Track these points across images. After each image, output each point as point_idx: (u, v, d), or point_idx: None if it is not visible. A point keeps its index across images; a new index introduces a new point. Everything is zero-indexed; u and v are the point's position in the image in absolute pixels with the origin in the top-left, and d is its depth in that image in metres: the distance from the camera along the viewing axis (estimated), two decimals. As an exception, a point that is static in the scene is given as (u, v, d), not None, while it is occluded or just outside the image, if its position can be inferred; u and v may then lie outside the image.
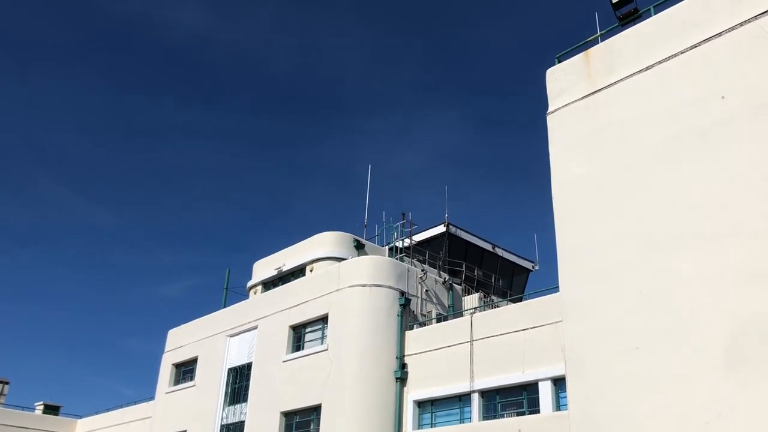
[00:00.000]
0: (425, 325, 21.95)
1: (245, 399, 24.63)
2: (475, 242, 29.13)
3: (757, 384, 10.85)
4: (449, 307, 23.74)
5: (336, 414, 20.66)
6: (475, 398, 18.87)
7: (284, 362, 23.39)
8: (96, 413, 38.67)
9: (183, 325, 30.21)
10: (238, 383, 25.46)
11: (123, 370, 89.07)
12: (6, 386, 41.55)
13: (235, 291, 30.18)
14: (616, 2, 15.73)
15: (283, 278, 27.47)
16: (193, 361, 28.41)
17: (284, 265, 27.60)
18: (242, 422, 24.29)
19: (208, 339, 27.79)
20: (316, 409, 21.54)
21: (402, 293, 22.22)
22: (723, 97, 12.80)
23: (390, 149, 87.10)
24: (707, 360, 11.51)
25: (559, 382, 16.98)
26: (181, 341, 29.52)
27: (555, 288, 15.86)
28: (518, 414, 17.94)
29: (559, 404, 17.01)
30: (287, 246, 28.25)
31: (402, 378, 20.80)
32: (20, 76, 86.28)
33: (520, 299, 26.18)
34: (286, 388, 22.80)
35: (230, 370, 26.10)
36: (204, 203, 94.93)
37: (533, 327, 18.01)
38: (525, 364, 17.88)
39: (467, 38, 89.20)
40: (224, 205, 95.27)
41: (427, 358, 20.53)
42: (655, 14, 14.76)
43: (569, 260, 14.32)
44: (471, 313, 20.46)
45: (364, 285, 22.00)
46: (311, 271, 25.92)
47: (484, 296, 24.51)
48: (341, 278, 22.63)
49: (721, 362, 11.32)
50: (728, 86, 12.81)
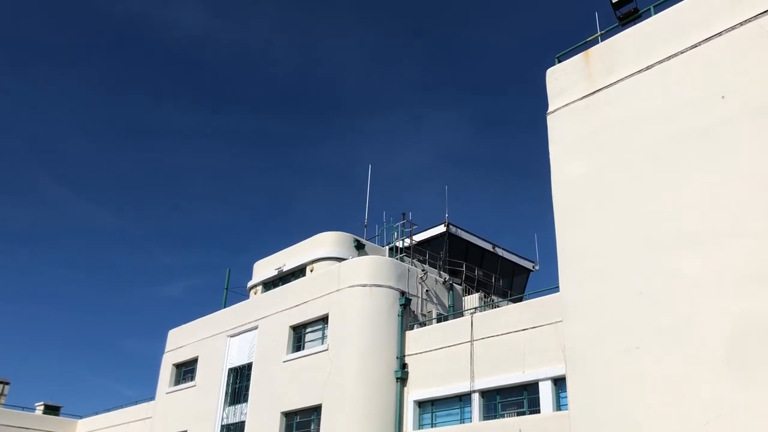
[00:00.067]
0: (426, 325, 21.95)
1: (246, 399, 24.63)
2: (476, 242, 29.13)
3: (758, 383, 10.85)
4: (449, 307, 23.73)
5: (336, 414, 20.66)
6: (476, 398, 18.87)
7: (285, 362, 23.39)
8: (96, 413, 38.70)
9: (183, 326, 30.22)
10: (239, 383, 25.47)
11: (123, 371, 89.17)
12: (6, 386, 41.58)
13: (236, 291, 30.23)
14: (616, 2, 15.73)
15: (284, 278, 27.48)
16: (194, 362, 28.41)
17: (284, 266, 27.61)
18: (242, 422, 24.29)
19: (209, 339, 27.80)
20: (317, 410, 21.54)
21: (402, 293, 22.22)
22: (723, 97, 12.80)
23: (390, 149, 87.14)
24: (708, 360, 11.51)
25: (560, 382, 16.98)
26: (182, 341, 29.53)
27: (555, 288, 15.87)
28: (519, 414, 17.94)
29: (560, 404, 17.01)
30: (287, 246, 28.27)
31: (402, 378, 20.80)
32: (20, 76, 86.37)
33: (521, 299, 26.18)
34: (287, 389, 22.80)
35: (231, 371, 26.11)
36: (204, 203, 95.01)
37: (533, 327, 18.01)
38: (525, 364, 17.87)
39: (467, 38, 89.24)
40: (224, 205, 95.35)
41: (428, 358, 20.53)
42: (656, 14, 14.76)
43: (569, 260, 14.32)
44: (471, 313, 20.45)
45: (365, 285, 22.00)
46: (311, 271, 25.92)
47: (485, 296, 24.51)
48: (341, 278, 22.63)
49: (722, 362, 11.32)
50: (728, 86, 12.81)
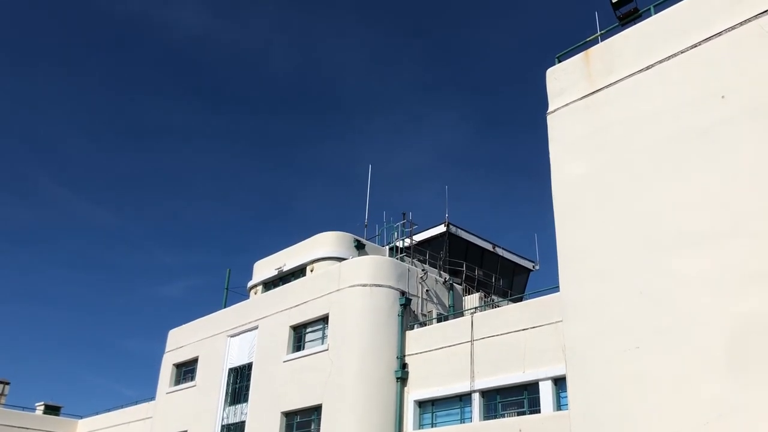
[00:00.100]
0: (426, 325, 21.95)
1: (246, 399, 24.63)
2: (476, 242, 29.13)
3: (758, 383, 10.85)
4: (450, 307, 23.73)
5: (337, 414, 20.66)
6: (476, 398, 18.87)
7: (285, 362, 23.40)
8: (97, 413, 38.72)
9: (183, 326, 30.22)
10: (239, 383, 25.47)
11: (123, 371, 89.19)
12: (6, 387, 41.59)
13: (236, 291, 30.24)
14: (616, 2, 15.72)
15: (284, 278, 27.48)
16: (194, 362, 28.42)
17: (285, 265, 27.61)
18: (243, 422, 24.29)
19: (209, 339, 27.80)
20: (317, 409, 21.55)
21: (402, 293, 22.22)
22: (723, 97, 12.79)
23: (390, 149, 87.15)
24: (708, 359, 11.50)
25: (560, 382, 16.99)
26: (182, 341, 29.53)
27: (555, 288, 15.87)
28: (519, 414, 17.94)
29: (560, 404, 17.02)
30: (288, 246, 28.28)
31: (402, 378, 20.80)
32: (20, 76, 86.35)
33: (521, 299, 26.19)
34: (287, 388, 22.80)
35: (231, 370, 26.11)
36: (204, 203, 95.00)
37: (534, 327, 18.01)
38: (525, 364, 17.88)
39: (467, 38, 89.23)
40: (224, 205, 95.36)
41: (428, 358, 20.53)
42: (655, 14, 14.74)
43: (569, 260, 14.32)
44: (471, 313, 20.46)
45: (365, 285, 22.00)
46: (312, 271, 25.93)
47: (485, 296, 24.52)
48: (342, 278, 22.63)
49: (722, 362, 11.32)
50: (728, 86, 12.80)
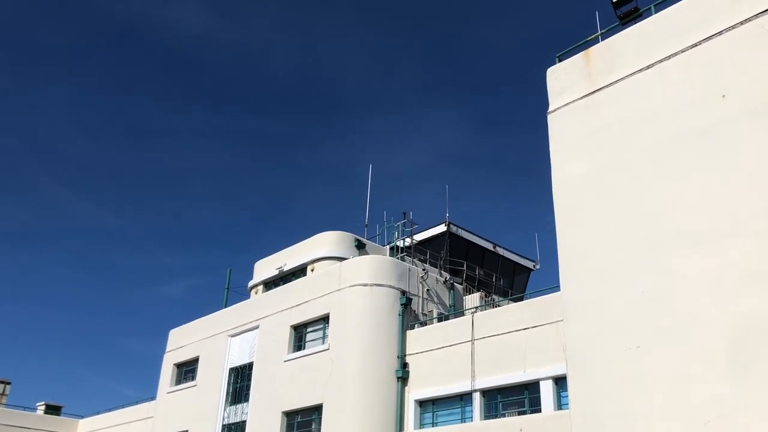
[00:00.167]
0: (426, 325, 21.96)
1: (246, 399, 24.64)
2: (476, 241, 29.14)
3: (759, 383, 10.85)
4: (450, 307, 23.74)
5: (337, 413, 20.67)
6: (477, 397, 18.87)
7: (285, 362, 23.40)
8: (97, 413, 38.75)
9: (184, 325, 30.23)
10: (240, 383, 25.48)
11: (124, 371, 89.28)
12: (7, 387, 41.62)
13: (237, 291, 30.25)
14: (617, 1, 15.72)
15: (284, 278, 27.49)
16: (195, 361, 28.43)
17: (285, 265, 27.61)
18: (243, 422, 24.30)
19: (210, 339, 27.81)
20: (318, 409, 21.56)
21: (403, 293, 22.22)
22: (723, 96, 12.80)
23: (391, 149, 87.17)
24: (708, 359, 11.51)
25: (561, 382, 16.99)
26: (183, 341, 29.54)
27: (556, 287, 15.88)
28: (519, 413, 17.94)
29: (561, 403, 17.02)
30: (288, 246, 28.28)
31: (403, 377, 20.81)
32: (21, 76, 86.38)
33: (521, 298, 26.19)
34: (288, 388, 22.81)
35: (231, 370, 26.12)
36: (205, 203, 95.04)
37: (534, 326, 18.01)
38: (526, 364, 17.88)
39: (467, 38, 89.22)
40: (225, 205, 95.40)
41: (429, 358, 20.53)
42: (656, 13, 14.75)
43: (570, 259, 14.32)
44: (472, 313, 20.46)
45: (365, 284, 22.01)
46: (312, 271, 25.93)
47: (485, 295, 24.53)
48: (342, 278, 22.63)
49: (723, 361, 11.32)
50: (729, 85, 12.81)
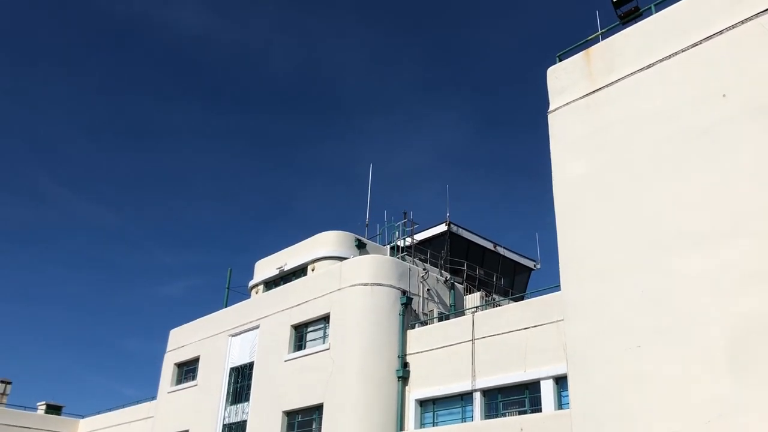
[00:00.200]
0: (427, 324, 21.96)
1: (247, 398, 24.65)
2: (477, 241, 29.14)
3: (759, 382, 10.85)
4: (451, 306, 23.74)
5: (338, 413, 20.67)
6: (477, 397, 18.87)
7: (286, 361, 23.41)
8: (98, 413, 38.77)
9: (185, 325, 30.24)
10: (240, 383, 25.48)
11: (125, 370, 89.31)
12: (8, 386, 41.64)
13: (237, 290, 30.26)
14: (617, 1, 15.70)
15: (285, 278, 27.49)
16: (195, 361, 28.44)
17: (286, 265, 27.62)
18: (244, 422, 24.31)
19: (210, 338, 27.81)
20: (318, 409, 21.56)
21: (403, 292, 22.22)
22: (724, 96, 12.78)
23: (391, 149, 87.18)
24: (709, 359, 11.50)
25: (561, 381, 16.99)
26: (183, 341, 29.55)
27: (557, 287, 15.87)
28: (520, 413, 17.94)
29: (561, 403, 17.02)
30: (289, 245, 28.28)
31: (404, 377, 20.81)
32: (21, 76, 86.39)
33: (522, 298, 26.20)
34: (288, 388, 22.82)
35: (232, 370, 26.13)
36: (205, 203, 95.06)
37: (535, 326, 18.01)
38: (527, 363, 17.88)
39: (467, 37, 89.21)
40: (225, 205, 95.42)
41: (429, 357, 20.53)
42: (656, 13, 14.73)
43: (570, 259, 14.32)
44: (473, 312, 20.46)
45: (366, 284, 22.01)
46: (313, 271, 25.93)
47: (486, 295, 24.53)
48: (343, 277, 22.63)
49: (723, 361, 11.32)
50: (729, 85, 12.79)
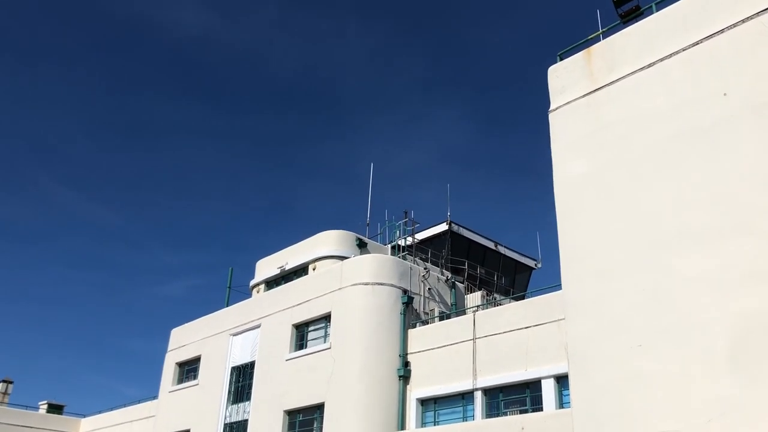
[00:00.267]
0: (428, 324, 21.96)
1: (248, 397, 24.68)
2: (478, 240, 29.15)
3: (761, 382, 10.85)
4: (452, 306, 23.75)
5: (339, 412, 20.69)
6: (478, 396, 18.88)
7: (287, 361, 23.43)
8: (99, 412, 38.81)
9: (186, 324, 30.27)
10: (241, 382, 25.51)
11: (126, 370, 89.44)
12: (10, 386, 41.72)
13: (238, 290, 30.30)
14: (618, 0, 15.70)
15: (286, 277, 27.52)
16: (197, 360, 28.47)
17: (287, 264, 27.64)
18: (245, 421, 24.34)
19: (211, 338, 27.84)
20: (319, 408, 21.58)
21: (404, 291, 22.23)
22: (725, 95, 12.77)
23: (392, 148, 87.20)
24: (710, 358, 11.50)
25: (562, 380, 17.00)
26: (184, 340, 29.58)
27: (558, 286, 15.88)
28: (521, 412, 17.95)
29: (562, 402, 17.03)
30: (290, 245, 28.31)
31: (405, 376, 20.82)
32: (22, 76, 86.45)
33: (523, 297, 26.20)
34: (289, 387, 22.84)
35: (233, 369, 26.15)
36: (206, 203, 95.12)
37: (536, 325, 18.01)
38: (528, 362, 17.88)
39: (468, 36, 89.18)
40: (226, 205, 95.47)
41: (430, 356, 20.54)
42: (657, 11, 14.72)
43: (571, 258, 14.31)
44: (474, 311, 20.46)
45: (367, 283, 22.03)
46: (314, 270, 25.96)
47: (487, 294, 24.56)
48: (344, 277, 22.65)
49: (725, 360, 11.31)
50: (730, 83, 12.78)
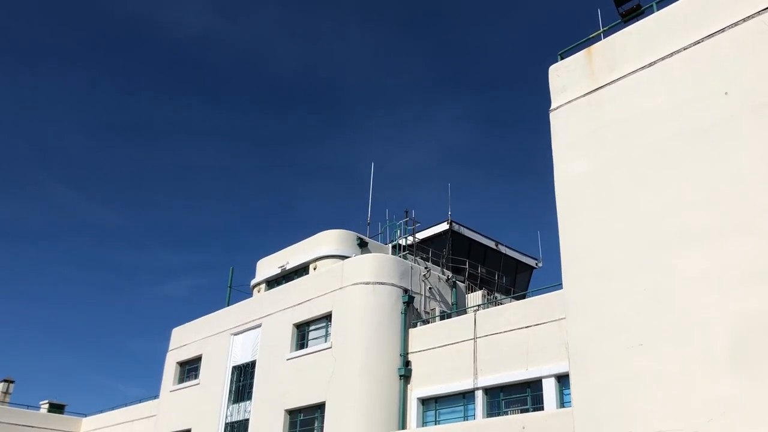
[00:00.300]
0: (429, 323, 21.97)
1: (249, 397, 24.69)
2: (479, 240, 29.15)
3: (761, 382, 10.84)
4: (453, 305, 23.75)
5: (340, 411, 20.70)
6: (479, 395, 18.89)
7: (288, 360, 23.44)
8: (101, 412, 38.86)
9: (187, 324, 30.29)
10: (243, 381, 25.52)
11: (127, 369, 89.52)
12: (11, 385, 41.75)
13: (239, 289, 30.32)
14: (619, -1, 15.69)
15: (287, 276, 27.53)
16: (198, 360, 28.49)
17: (288, 264, 27.65)
18: (246, 420, 24.35)
19: (213, 337, 27.86)
20: (320, 407, 21.59)
21: (405, 291, 22.23)
22: (726, 94, 12.76)
23: (393, 147, 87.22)
24: (711, 357, 11.49)
25: (563, 379, 17.00)
26: (186, 340, 29.60)
27: (558, 285, 15.87)
28: (522, 411, 17.95)
29: (563, 401, 17.03)
30: (291, 244, 28.31)
31: (406, 375, 20.83)
32: (23, 76, 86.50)
33: (524, 296, 26.19)
34: (290, 386, 22.85)
35: (234, 368, 26.17)
36: (207, 202, 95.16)
37: (537, 324, 18.01)
38: (529, 362, 17.88)
39: (469, 36, 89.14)
40: (227, 204, 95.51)
41: (431, 356, 20.55)
42: (658, 10, 14.71)
43: (572, 258, 14.30)
44: (474, 311, 20.46)
45: (368, 283, 22.03)
46: (315, 269, 25.96)
47: (488, 293, 24.56)
48: (345, 276, 22.65)
49: (725, 359, 11.31)
50: (731, 83, 12.77)
